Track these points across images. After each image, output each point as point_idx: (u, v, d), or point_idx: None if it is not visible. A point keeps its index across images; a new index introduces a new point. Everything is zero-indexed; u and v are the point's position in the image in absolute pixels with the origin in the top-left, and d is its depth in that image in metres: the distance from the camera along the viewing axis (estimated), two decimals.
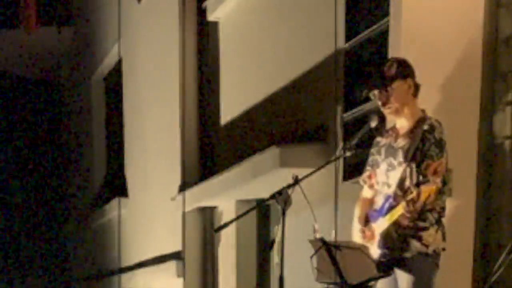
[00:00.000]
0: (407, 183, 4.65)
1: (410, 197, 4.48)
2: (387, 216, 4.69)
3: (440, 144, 4.62)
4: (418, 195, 4.45)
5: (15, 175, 15.80)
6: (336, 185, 5.67)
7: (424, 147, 4.63)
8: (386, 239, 4.75)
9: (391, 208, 4.68)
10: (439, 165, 4.53)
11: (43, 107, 15.88)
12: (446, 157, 4.64)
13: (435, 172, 4.49)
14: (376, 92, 4.78)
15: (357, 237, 4.90)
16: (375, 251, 4.78)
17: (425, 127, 4.67)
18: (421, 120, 4.73)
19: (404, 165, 4.68)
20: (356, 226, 4.92)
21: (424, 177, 4.52)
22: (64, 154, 15.71)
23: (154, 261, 10.23)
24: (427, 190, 4.43)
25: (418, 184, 4.50)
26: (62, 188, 15.79)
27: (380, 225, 4.75)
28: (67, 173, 15.55)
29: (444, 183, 4.61)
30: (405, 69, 4.74)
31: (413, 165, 4.63)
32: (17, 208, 15.81)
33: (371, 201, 4.93)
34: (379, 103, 4.79)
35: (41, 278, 15.81)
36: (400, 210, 4.59)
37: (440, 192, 4.56)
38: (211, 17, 8.67)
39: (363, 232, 4.83)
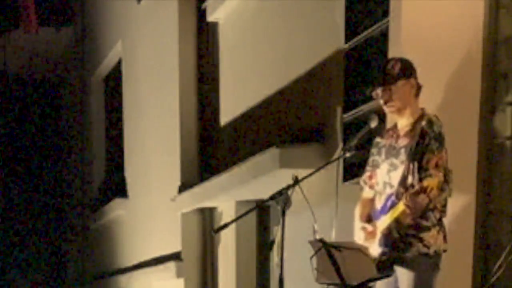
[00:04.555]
0: (409, 180, 4.65)
1: (413, 191, 4.48)
2: (389, 213, 4.69)
3: (439, 138, 4.63)
4: (421, 189, 4.45)
5: (14, 175, 15.79)
6: (336, 185, 5.65)
7: (423, 142, 4.63)
8: (387, 238, 4.75)
9: (393, 206, 4.68)
10: (440, 159, 4.55)
11: (43, 107, 15.87)
12: (446, 151, 4.65)
13: (436, 166, 4.51)
14: (379, 91, 4.78)
15: (358, 236, 4.90)
16: (376, 250, 4.78)
17: (423, 122, 4.68)
18: (420, 117, 4.74)
19: (406, 163, 4.69)
20: (358, 224, 4.92)
21: (425, 171, 4.53)
22: (63, 154, 15.70)
23: (154, 261, 10.22)
24: (430, 184, 4.43)
25: (420, 180, 4.51)
26: (61, 189, 15.79)
27: (382, 222, 4.75)
28: (66, 173, 15.55)
29: (447, 181, 4.61)
30: (408, 69, 4.75)
31: (415, 162, 4.64)
32: (16, 208, 15.81)
33: (372, 202, 4.93)
34: (381, 101, 4.79)
35: (41, 279, 15.80)
36: (401, 207, 4.59)
37: (442, 189, 4.56)
38: (210, 17, 8.67)
39: (364, 228, 4.83)
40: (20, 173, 15.83)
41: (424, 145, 4.63)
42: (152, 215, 10.49)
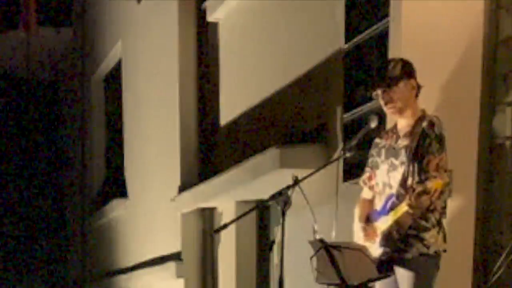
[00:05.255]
0: (410, 181, 4.65)
1: (416, 192, 4.47)
2: (390, 214, 4.69)
3: (440, 140, 4.63)
4: (424, 190, 4.44)
5: (14, 175, 15.79)
6: (336, 185, 5.66)
7: (424, 143, 4.63)
8: (387, 239, 4.75)
9: (394, 207, 4.68)
10: (441, 160, 4.55)
11: (43, 107, 15.87)
12: (447, 153, 4.64)
13: (437, 168, 4.50)
14: (379, 91, 4.77)
15: (358, 237, 4.89)
16: (376, 250, 4.78)
17: (424, 124, 4.68)
18: (421, 118, 4.74)
19: (406, 164, 4.68)
20: (357, 225, 4.92)
21: (426, 173, 4.52)
22: (63, 154, 15.71)
23: (154, 262, 10.22)
24: (434, 185, 4.42)
25: (421, 181, 4.50)
26: (61, 189, 15.79)
27: (383, 223, 4.75)
28: (67, 174, 15.55)
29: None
30: (409, 70, 4.75)
31: (416, 163, 4.64)
32: (17, 208, 15.80)
33: (371, 202, 4.93)
34: (382, 102, 4.79)
35: (41, 279, 15.80)
36: (404, 207, 4.59)
37: (442, 191, 4.56)
38: (210, 17, 8.67)
39: (365, 229, 4.83)
40: (20, 174, 15.83)
41: (425, 146, 4.62)
42: (152, 215, 10.49)
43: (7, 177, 15.74)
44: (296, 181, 4.68)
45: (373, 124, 4.90)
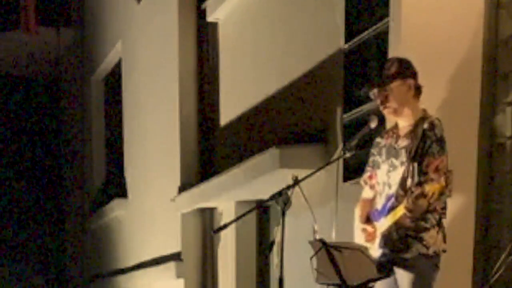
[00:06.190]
0: (409, 182, 4.64)
1: (414, 195, 4.47)
2: (389, 215, 4.69)
3: (441, 142, 4.62)
4: (422, 193, 4.43)
5: (14, 175, 15.79)
6: (336, 185, 5.66)
7: (425, 145, 4.62)
8: (387, 239, 4.75)
9: (393, 208, 4.67)
10: (441, 163, 4.53)
11: (43, 107, 15.87)
12: (447, 156, 4.64)
13: (436, 170, 4.48)
14: (375, 91, 4.77)
15: (359, 237, 4.89)
16: (376, 251, 4.78)
17: (425, 125, 4.67)
18: (422, 119, 4.73)
19: (406, 165, 4.68)
20: (358, 225, 4.92)
21: (425, 174, 4.51)
22: (63, 155, 15.70)
23: (154, 262, 10.22)
24: (431, 188, 4.41)
25: (419, 183, 4.49)
26: (61, 189, 15.78)
27: (382, 224, 4.75)
28: (66, 174, 15.54)
29: (447, 184, 4.60)
30: (406, 70, 4.73)
31: (415, 165, 4.63)
32: (16, 208, 15.80)
33: (371, 202, 4.93)
34: (378, 102, 4.78)
35: (40, 279, 15.80)
36: (402, 209, 4.59)
37: (441, 193, 4.55)
38: (210, 17, 8.67)
39: (365, 230, 4.82)
40: (20, 174, 15.82)
41: (425, 148, 4.61)
42: (152, 215, 10.49)
43: (6, 177, 15.73)
44: (296, 181, 4.68)
45: (373, 124, 4.90)
